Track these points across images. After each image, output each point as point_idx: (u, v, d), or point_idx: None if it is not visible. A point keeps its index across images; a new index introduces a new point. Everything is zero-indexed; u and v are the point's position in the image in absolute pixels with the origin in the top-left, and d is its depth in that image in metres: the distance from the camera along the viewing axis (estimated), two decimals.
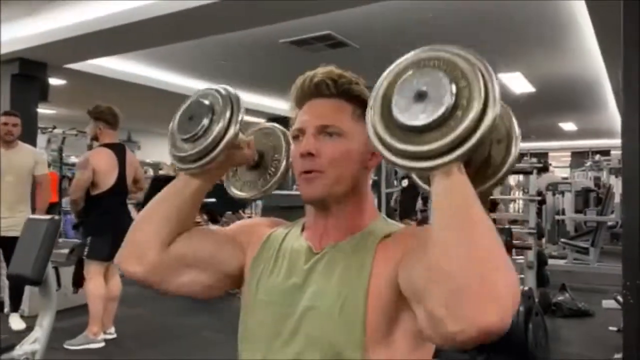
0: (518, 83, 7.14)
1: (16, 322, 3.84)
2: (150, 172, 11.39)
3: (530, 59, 6.17)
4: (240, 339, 0.91)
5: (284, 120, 1.12)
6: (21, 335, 2.92)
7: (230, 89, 0.91)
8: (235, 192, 1.03)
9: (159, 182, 6.18)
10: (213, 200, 4.63)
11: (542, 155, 14.00)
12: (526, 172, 4.16)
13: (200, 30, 4.74)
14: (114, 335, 3.71)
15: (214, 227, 0.97)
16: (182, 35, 4.94)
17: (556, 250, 7.26)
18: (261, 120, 6.97)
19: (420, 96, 0.68)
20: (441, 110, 0.66)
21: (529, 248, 3.78)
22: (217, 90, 0.90)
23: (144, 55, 6.06)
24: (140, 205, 6.94)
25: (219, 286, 0.95)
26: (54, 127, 10.16)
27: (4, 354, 2.20)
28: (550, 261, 5.33)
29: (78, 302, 4.27)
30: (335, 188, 0.85)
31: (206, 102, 0.89)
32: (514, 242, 3.39)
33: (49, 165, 8.76)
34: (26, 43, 5.36)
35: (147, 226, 0.89)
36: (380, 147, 0.71)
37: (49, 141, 10.80)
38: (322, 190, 0.84)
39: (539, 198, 4.54)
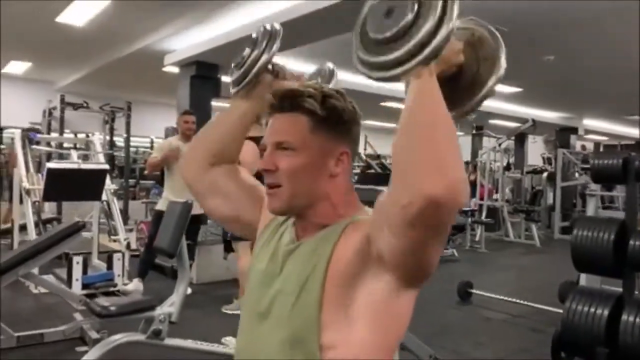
0: None
1: None
2: None
3: None
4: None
5: None
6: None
7: (275, 25, 1.04)
8: None
9: None
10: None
11: None
12: None
13: (345, 25, 4.92)
14: None
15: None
16: (329, 31, 5.24)
17: None
18: None
19: (389, 12, 0.77)
20: (403, 23, 0.74)
21: None
22: (263, 25, 1.04)
23: (300, 52, 6.48)
24: None
25: (234, 223, 1.09)
26: None
27: (146, 312, 2.65)
28: None
29: (232, 276, 4.88)
30: (294, 201, 0.90)
31: (253, 35, 1.04)
32: None
33: None
34: (200, 48, 6.19)
35: (199, 145, 1.08)
36: (360, 67, 0.80)
37: None
38: (280, 205, 0.91)
39: None
